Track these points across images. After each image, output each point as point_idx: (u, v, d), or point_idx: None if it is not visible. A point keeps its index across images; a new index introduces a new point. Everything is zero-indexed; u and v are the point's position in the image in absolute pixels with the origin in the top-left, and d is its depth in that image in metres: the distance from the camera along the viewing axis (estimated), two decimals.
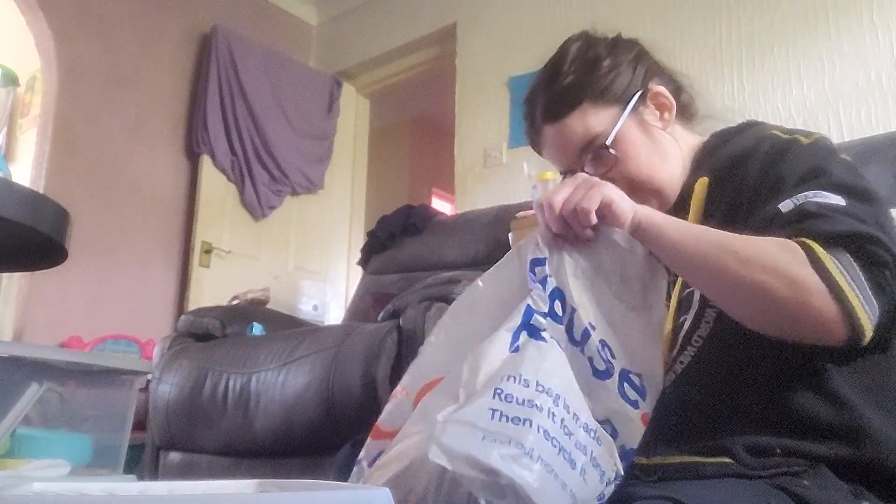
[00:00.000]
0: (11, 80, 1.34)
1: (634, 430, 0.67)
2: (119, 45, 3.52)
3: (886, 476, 0.72)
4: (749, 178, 0.81)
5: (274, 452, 1.85)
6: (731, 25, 2.71)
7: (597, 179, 0.75)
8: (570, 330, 0.69)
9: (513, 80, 3.30)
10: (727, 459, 0.71)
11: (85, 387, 1.62)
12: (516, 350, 0.66)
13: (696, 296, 0.79)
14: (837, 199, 0.72)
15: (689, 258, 0.73)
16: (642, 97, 0.91)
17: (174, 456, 2.08)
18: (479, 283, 0.76)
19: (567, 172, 0.93)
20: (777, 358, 0.73)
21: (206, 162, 3.65)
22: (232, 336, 2.23)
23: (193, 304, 3.39)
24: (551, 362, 0.65)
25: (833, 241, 0.68)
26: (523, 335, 0.67)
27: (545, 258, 0.72)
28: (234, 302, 3.05)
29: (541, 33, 3.22)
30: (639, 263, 0.74)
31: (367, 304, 2.55)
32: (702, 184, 0.86)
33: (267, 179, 3.83)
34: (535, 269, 0.72)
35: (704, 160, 0.90)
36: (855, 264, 0.67)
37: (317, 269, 4.07)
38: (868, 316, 0.66)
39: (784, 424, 0.72)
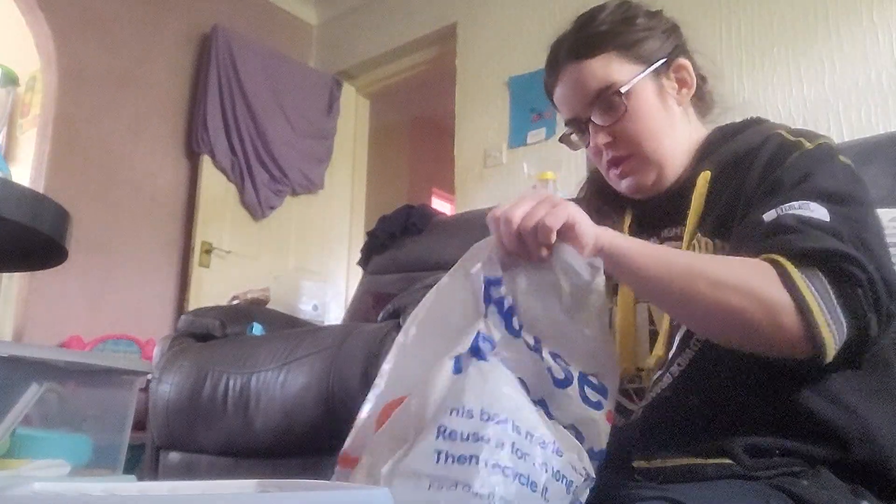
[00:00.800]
0: (11, 80, 1.34)
1: (600, 430, 0.67)
2: (119, 45, 3.52)
3: (886, 476, 0.72)
4: (751, 177, 0.81)
5: (274, 452, 1.85)
6: (731, 25, 2.71)
7: (561, 199, 0.72)
8: (526, 342, 0.68)
9: (513, 80, 3.30)
10: (727, 460, 0.70)
11: (85, 387, 1.61)
12: (459, 371, 0.64)
13: None
14: (821, 213, 0.71)
15: (656, 283, 0.71)
16: (667, 64, 0.91)
17: (174, 456, 2.08)
18: (432, 294, 0.73)
19: (572, 121, 0.92)
20: (776, 361, 0.72)
21: (206, 162, 3.65)
22: (232, 336, 2.23)
23: (193, 304, 3.38)
24: (493, 383, 0.63)
25: (806, 259, 0.68)
26: (466, 356, 0.65)
27: (500, 278, 0.69)
28: (234, 302, 3.04)
29: (541, 33, 3.22)
30: (593, 284, 0.71)
31: (367, 304, 2.55)
32: (704, 178, 0.85)
33: (267, 179, 3.83)
34: (491, 290, 0.69)
35: (707, 154, 0.89)
36: (825, 282, 0.67)
37: (317, 269, 4.07)
38: (833, 335, 0.65)
39: (783, 426, 0.72)
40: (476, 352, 0.65)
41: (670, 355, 0.78)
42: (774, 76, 2.58)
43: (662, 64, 0.90)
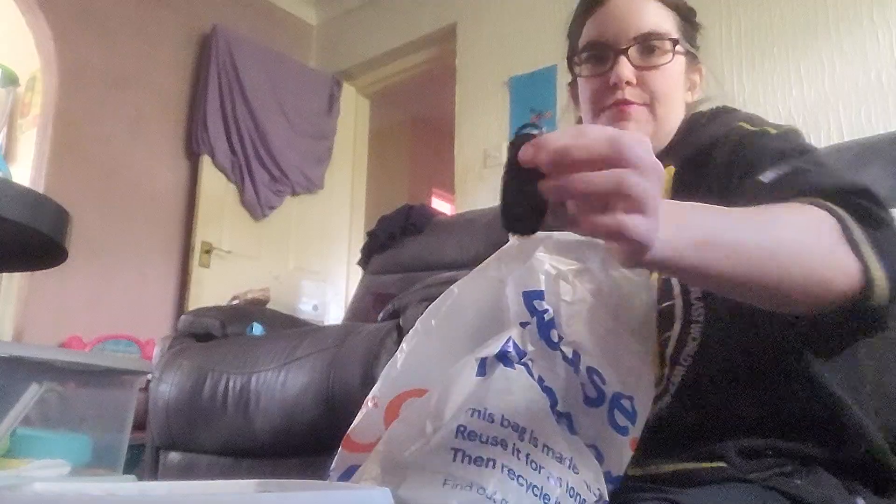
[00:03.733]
0: (11, 80, 1.34)
1: (622, 456, 0.65)
2: (119, 45, 3.52)
3: (881, 471, 0.72)
4: (716, 165, 0.79)
5: (274, 452, 1.85)
6: (731, 25, 2.72)
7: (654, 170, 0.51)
8: (564, 355, 0.66)
9: (513, 81, 3.31)
10: (721, 464, 0.70)
11: (85, 387, 1.62)
12: (483, 374, 0.63)
13: (677, 311, 0.75)
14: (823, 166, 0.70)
15: (728, 284, 0.60)
16: (696, 59, 0.89)
17: (174, 456, 2.08)
18: (455, 289, 0.71)
19: (598, 45, 0.85)
20: (770, 367, 0.72)
21: (206, 162, 3.65)
22: (232, 336, 2.23)
23: (193, 304, 3.39)
24: (518, 394, 0.62)
25: (843, 195, 0.64)
26: (491, 360, 0.64)
27: (542, 291, 0.66)
28: (234, 302, 3.05)
29: (541, 34, 3.22)
30: (646, 293, 0.68)
31: (367, 304, 2.55)
32: (668, 173, 0.82)
33: (267, 179, 3.83)
34: (534, 302, 0.66)
35: (674, 146, 0.86)
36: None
37: (317, 269, 4.07)
38: (884, 274, 0.61)
39: (776, 427, 0.72)
40: (503, 358, 0.64)
41: (665, 373, 0.76)
42: (774, 76, 2.58)
43: (695, 56, 0.88)
